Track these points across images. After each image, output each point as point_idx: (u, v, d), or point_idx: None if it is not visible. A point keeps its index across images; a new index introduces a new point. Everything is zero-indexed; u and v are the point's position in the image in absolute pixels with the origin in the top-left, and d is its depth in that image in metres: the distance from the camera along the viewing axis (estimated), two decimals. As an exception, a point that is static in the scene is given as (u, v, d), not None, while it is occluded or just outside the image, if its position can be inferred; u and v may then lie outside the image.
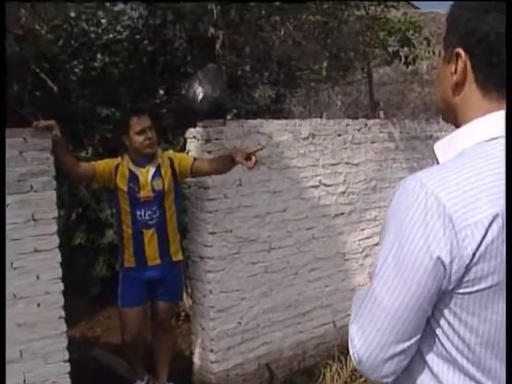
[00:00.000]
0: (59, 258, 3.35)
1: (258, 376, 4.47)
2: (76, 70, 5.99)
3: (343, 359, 4.50)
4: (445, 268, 1.10)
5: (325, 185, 4.73)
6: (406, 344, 1.18)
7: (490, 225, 1.08)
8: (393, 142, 5.25)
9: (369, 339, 1.19)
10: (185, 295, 4.82)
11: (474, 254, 1.09)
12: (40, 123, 3.29)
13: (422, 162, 5.37)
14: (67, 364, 3.43)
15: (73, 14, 5.52)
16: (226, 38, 5.05)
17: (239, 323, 4.31)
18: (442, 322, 1.17)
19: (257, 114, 6.02)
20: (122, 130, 3.88)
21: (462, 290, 1.12)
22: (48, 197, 3.31)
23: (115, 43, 6.10)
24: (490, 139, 1.16)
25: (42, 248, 3.29)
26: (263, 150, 3.95)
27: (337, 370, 4.46)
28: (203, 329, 4.25)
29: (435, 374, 1.20)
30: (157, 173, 3.80)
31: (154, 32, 6.07)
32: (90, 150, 5.57)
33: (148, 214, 3.76)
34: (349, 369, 4.42)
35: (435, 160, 1.25)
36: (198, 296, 4.27)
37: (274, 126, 4.40)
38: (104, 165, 3.79)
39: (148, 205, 3.76)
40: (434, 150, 1.25)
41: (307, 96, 7.94)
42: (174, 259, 3.89)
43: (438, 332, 1.18)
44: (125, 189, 3.76)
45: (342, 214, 4.89)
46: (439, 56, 1.32)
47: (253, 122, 4.37)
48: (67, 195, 5.42)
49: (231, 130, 4.15)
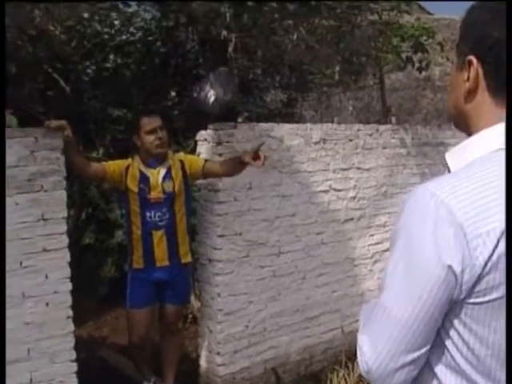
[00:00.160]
0: (68, 258, 3.36)
1: (264, 380, 4.45)
2: (88, 70, 6.01)
3: (350, 365, 4.47)
4: (456, 277, 1.09)
5: (335, 190, 4.71)
6: (416, 354, 1.16)
7: (502, 234, 1.06)
8: (404, 148, 5.23)
9: (378, 349, 1.17)
10: (193, 297, 4.81)
11: (486, 264, 1.07)
12: (51, 123, 3.30)
13: (434, 168, 5.34)
14: (74, 364, 3.44)
15: (86, 15, 5.53)
16: (238, 41, 5.05)
17: (246, 326, 4.31)
18: (452, 333, 1.15)
19: (268, 118, 6.01)
20: (132, 130, 3.90)
21: (472, 300, 1.10)
22: (58, 196, 3.31)
23: (128, 44, 6.12)
24: (502, 148, 1.14)
25: (52, 247, 3.30)
26: (264, 148, 3.93)
27: (344, 375, 4.44)
28: (210, 331, 4.25)
29: None
30: (167, 174, 3.81)
31: (166, 34, 6.08)
32: (101, 150, 5.58)
33: (158, 216, 3.76)
34: (356, 375, 4.39)
35: (446, 168, 1.23)
36: (205, 298, 4.27)
37: (285, 129, 4.40)
38: (115, 166, 3.80)
39: (158, 206, 3.76)
40: (446, 158, 1.24)
41: (319, 100, 7.92)
42: (182, 261, 3.89)
43: (448, 342, 1.16)
44: (135, 190, 3.76)
45: (351, 220, 4.88)
46: (452, 63, 1.30)
47: (264, 125, 4.37)
48: (77, 195, 5.44)
49: (242, 133, 4.15)
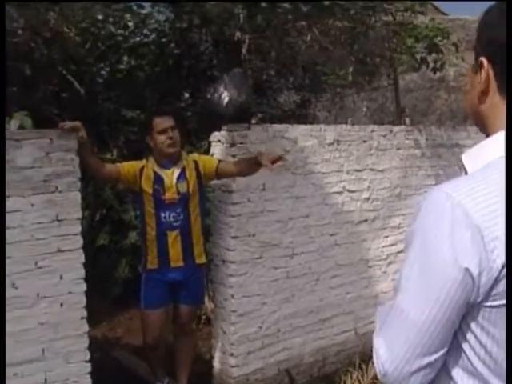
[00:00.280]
0: (83, 259, 3.38)
1: (277, 381, 4.45)
2: (102, 72, 6.03)
3: (364, 367, 4.47)
4: (473, 280, 1.08)
5: (349, 191, 4.70)
6: (433, 357, 1.15)
7: None
8: (418, 149, 5.20)
9: (395, 352, 1.17)
10: (206, 298, 4.81)
11: (504, 267, 1.06)
12: (66, 124, 3.31)
13: (448, 169, 5.31)
14: (88, 364, 3.45)
15: (100, 16, 5.55)
16: (252, 43, 5.05)
17: (260, 328, 4.30)
18: (469, 336, 1.14)
19: (282, 119, 6.01)
20: (146, 131, 3.91)
21: (490, 303, 1.09)
22: (72, 197, 3.33)
23: (142, 46, 6.14)
24: None
25: (66, 248, 3.31)
26: (285, 156, 3.99)
27: (357, 377, 4.42)
28: (224, 333, 4.25)
29: None
30: (181, 175, 3.81)
31: (180, 35, 6.09)
32: (115, 151, 5.61)
33: (172, 216, 3.76)
34: (369, 377, 4.38)
35: (463, 169, 1.21)
36: (219, 300, 4.27)
37: (298, 131, 4.39)
38: (129, 167, 3.81)
39: (172, 207, 3.77)
40: (462, 159, 1.22)
41: (332, 101, 7.91)
42: (197, 262, 3.90)
43: (465, 346, 1.15)
44: (150, 191, 3.77)
45: (365, 221, 4.86)
46: (468, 64, 1.30)
47: (278, 126, 4.36)
48: (91, 196, 5.46)
49: (256, 135, 4.14)
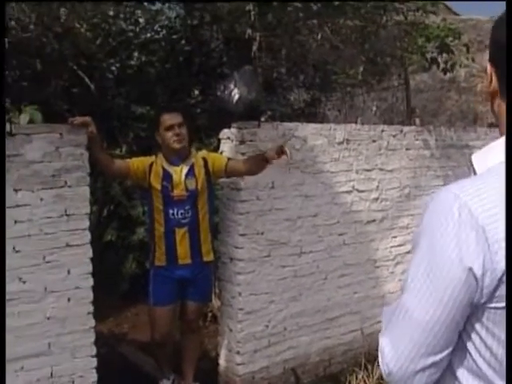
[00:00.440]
0: (90, 254, 3.38)
1: (283, 380, 4.44)
2: (113, 68, 6.05)
3: (370, 367, 4.45)
4: (477, 281, 1.08)
5: (358, 190, 4.69)
6: (438, 357, 1.16)
7: None
8: (428, 150, 5.18)
9: (399, 351, 1.17)
10: (213, 296, 4.81)
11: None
12: (76, 119, 3.31)
13: (457, 170, 5.28)
14: (94, 359, 3.46)
15: (111, 13, 5.57)
16: (262, 40, 5.03)
17: (267, 326, 4.29)
18: (474, 337, 1.14)
19: (291, 117, 6.00)
20: (154, 127, 3.91)
21: (494, 305, 1.10)
22: (81, 192, 3.33)
23: (152, 42, 6.15)
24: None
25: (74, 243, 3.32)
26: (287, 147, 3.89)
27: (363, 377, 4.41)
28: (230, 330, 4.24)
29: None
30: (190, 172, 3.81)
31: (191, 32, 6.09)
32: (124, 147, 5.62)
33: (181, 213, 3.76)
34: (375, 377, 4.37)
35: (472, 170, 1.22)
36: (226, 297, 4.27)
37: (308, 129, 4.38)
38: (138, 163, 3.81)
39: (181, 204, 3.76)
40: (472, 160, 1.23)
41: (342, 100, 7.88)
42: (204, 259, 3.89)
43: (470, 347, 1.15)
44: (158, 187, 3.77)
45: (374, 221, 4.84)
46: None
47: (287, 124, 4.35)
48: (100, 192, 5.47)
49: (265, 133, 4.13)
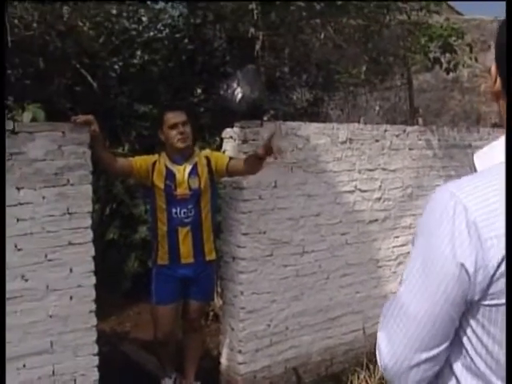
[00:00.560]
0: (93, 252, 3.38)
1: (285, 379, 4.44)
2: (116, 66, 6.05)
3: (371, 367, 4.44)
4: (469, 277, 1.10)
5: (360, 190, 4.68)
6: (432, 352, 1.17)
7: None
8: (431, 150, 5.17)
9: (394, 346, 1.19)
10: (215, 295, 4.81)
11: (499, 265, 1.07)
12: (78, 118, 3.31)
13: (460, 170, 5.27)
14: (96, 357, 3.46)
15: (114, 11, 5.56)
16: (265, 40, 5.03)
17: (268, 325, 4.29)
18: (471, 335, 1.16)
19: (294, 117, 5.99)
20: (158, 126, 3.91)
21: (488, 302, 1.11)
22: (84, 191, 3.33)
23: (155, 41, 6.15)
24: None
25: (76, 241, 3.32)
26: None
27: (364, 377, 4.41)
28: (232, 329, 4.24)
29: None
30: (193, 171, 3.80)
31: (194, 31, 6.09)
32: (127, 146, 5.62)
33: (184, 212, 3.76)
34: (377, 377, 4.37)
35: (473, 169, 1.23)
36: (228, 296, 4.26)
37: (311, 128, 4.37)
38: (141, 161, 3.81)
39: (184, 203, 3.76)
40: (474, 159, 1.24)
41: (345, 100, 7.88)
42: (207, 258, 3.89)
43: (467, 345, 1.17)
44: (161, 186, 3.76)
45: (376, 221, 4.84)
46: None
47: (290, 124, 4.34)
48: (102, 190, 5.47)
49: (268, 132, 4.12)
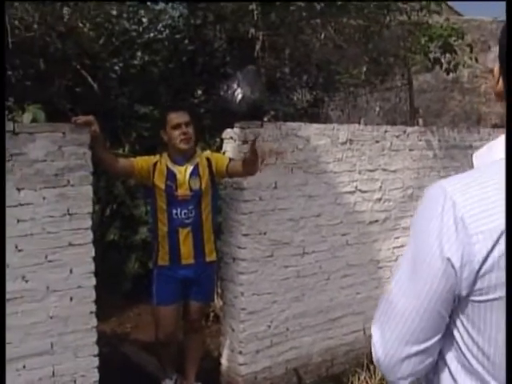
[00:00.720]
0: (93, 253, 3.38)
1: (285, 380, 4.44)
2: (116, 67, 6.05)
3: (372, 368, 4.44)
4: (455, 272, 1.11)
5: (361, 191, 4.68)
6: (422, 346, 1.19)
7: (503, 233, 1.08)
8: (431, 150, 5.17)
9: (385, 339, 1.22)
10: (215, 296, 4.81)
11: (485, 261, 1.08)
12: (79, 118, 3.31)
13: (461, 170, 5.24)
14: (96, 358, 3.45)
15: (114, 12, 5.57)
16: (266, 40, 5.03)
17: (269, 326, 4.29)
18: (462, 331, 1.17)
19: (294, 117, 6.00)
20: (159, 127, 3.91)
21: (476, 298, 1.12)
22: (84, 192, 3.33)
23: (155, 42, 6.16)
24: None
25: (77, 242, 3.31)
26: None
27: (365, 378, 4.41)
28: (233, 330, 4.24)
29: None
30: (194, 172, 3.80)
31: (194, 32, 6.10)
32: (127, 147, 5.62)
33: (184, 213, 3.75)
34: (377, 378, 4.36)
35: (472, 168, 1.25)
36: (229, 297, 4.26)
37: (311, 129, 4.37)
38: (142, 162, 3.81)
39: (185, 203, 3.76)
40: (473, 158, 1.28)
41: (345, 100, 7.88)
42: (207, 259, 3.88)
43: (460, 342, 1.18)
44: (162, 187, 3.76)
45: (376, 221, 4.83)
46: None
47: (291, 124, 4.34)
48: (103, 191, 5.47)
49: (268, 132, 4.13)
